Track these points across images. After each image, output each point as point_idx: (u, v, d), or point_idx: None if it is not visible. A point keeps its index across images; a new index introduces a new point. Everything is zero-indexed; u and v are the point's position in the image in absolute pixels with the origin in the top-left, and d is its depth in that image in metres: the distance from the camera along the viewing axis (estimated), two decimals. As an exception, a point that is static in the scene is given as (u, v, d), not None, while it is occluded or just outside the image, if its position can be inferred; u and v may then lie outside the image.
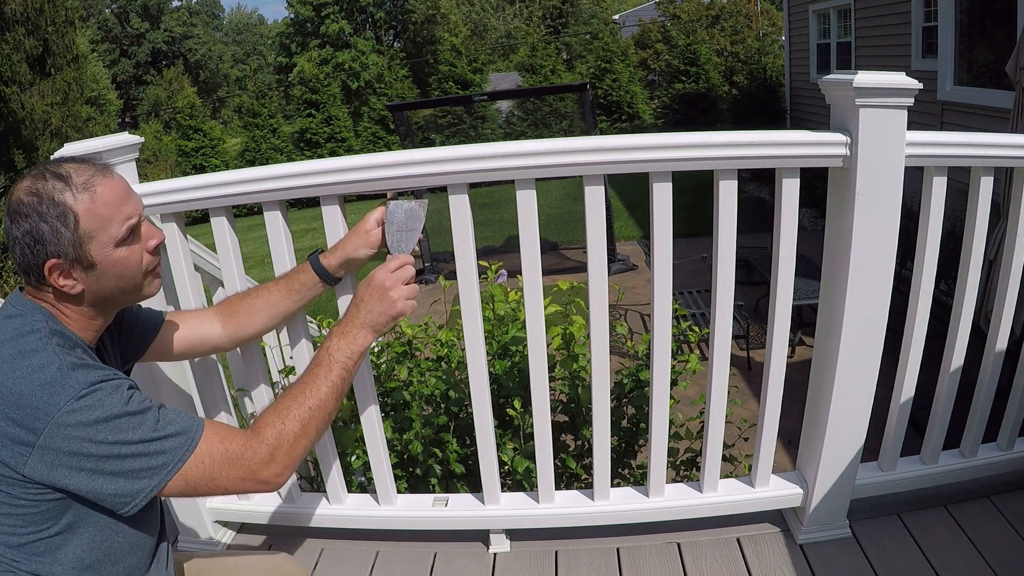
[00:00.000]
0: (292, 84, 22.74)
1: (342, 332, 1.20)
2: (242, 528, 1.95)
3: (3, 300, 1.04)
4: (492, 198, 10.29)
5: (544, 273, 1.48)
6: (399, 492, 1.82)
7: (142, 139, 1.55)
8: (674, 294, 1.53)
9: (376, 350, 2.09)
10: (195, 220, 9.57)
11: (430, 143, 14.08)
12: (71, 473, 0.91)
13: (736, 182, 1.40)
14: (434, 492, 1.96)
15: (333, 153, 16.23)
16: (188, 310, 1.52)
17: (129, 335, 1.24)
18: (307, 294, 1.38)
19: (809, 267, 5.51)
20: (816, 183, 7.86)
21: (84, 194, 0.98)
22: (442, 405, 2.01)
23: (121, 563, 1.05)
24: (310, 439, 1.09)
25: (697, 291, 6.38)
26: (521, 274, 1.49)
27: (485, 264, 1.93)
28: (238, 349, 1.53)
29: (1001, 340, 1.64)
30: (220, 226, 1.54)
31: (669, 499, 1.71)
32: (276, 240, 1.51)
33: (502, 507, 1.74)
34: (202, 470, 0.99)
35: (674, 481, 1.80)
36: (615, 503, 1.72)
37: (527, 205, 1.42)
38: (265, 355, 2.01)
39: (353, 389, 1.61)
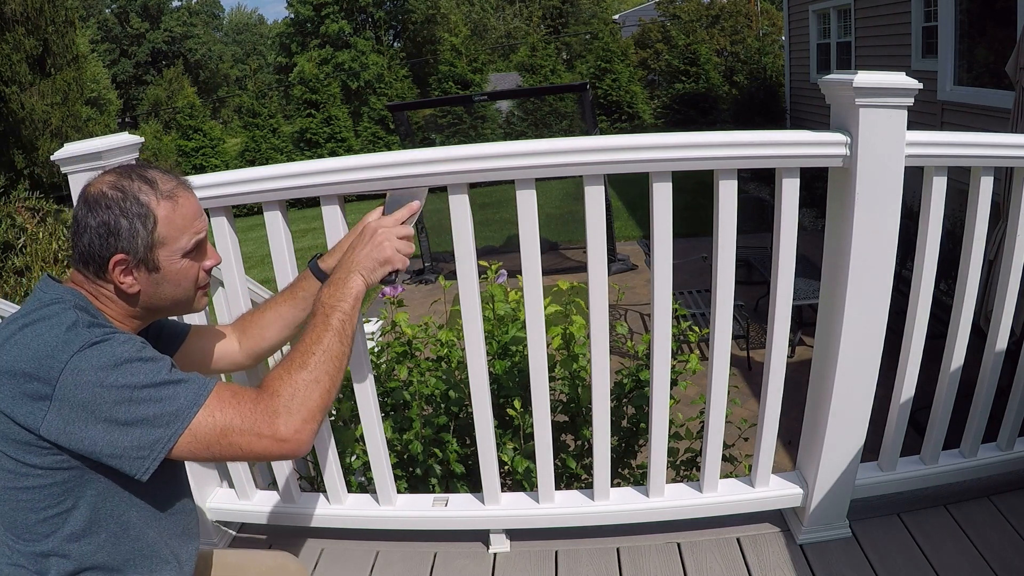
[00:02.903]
0: (292, 84, 22.72)
1: (331, 282, 1.18)
2: (242, 528, 1.95)
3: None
4: (492, 198, 10.29)
5: (544, 273, 1.48)
6: (399, 492, 1.82)
7: (142, 139, 1.55)
8: (674, 294, 1.53)
9: (376, 350, 2.09)
10: (195, 220, 9.54)
11: (430, 143, 14.09)
12: (87, 426, 0.91)
13: (736, 182, 1.40)
14: (434, 492, 1.96)
15: (333, 153, 16.20)
16: (208, 325, 1.52)
17: (155, 343, 1.24)
18: (313, 301, 1.38)
19: (809, 267, 5.50)
20: (816, 183, 7.87)
21: (167, 201, 1.03)
22: (442, 405, 2.01)
23: (142, 540, 1.04)
24: (324, 387, 1.04)
25: (697, 291, 6.38)
26: (521, 274, 1.49)
27: (485, 264, 1.93)
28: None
29: (1001, 340, 1.64)
30: (220, 226, 1.54)
31: (669, 499, 1.71)
32: (276, 240, 1.51)
33: (502, 507, 1.74)
34: (213, 425, 0.95)
35: (674, 481, 1.80)
36: (615, 503, 1.72)
37: (527, 205, 1.42)
38: (267, 361, 2.01)
39: (353, 389, 1.61)
